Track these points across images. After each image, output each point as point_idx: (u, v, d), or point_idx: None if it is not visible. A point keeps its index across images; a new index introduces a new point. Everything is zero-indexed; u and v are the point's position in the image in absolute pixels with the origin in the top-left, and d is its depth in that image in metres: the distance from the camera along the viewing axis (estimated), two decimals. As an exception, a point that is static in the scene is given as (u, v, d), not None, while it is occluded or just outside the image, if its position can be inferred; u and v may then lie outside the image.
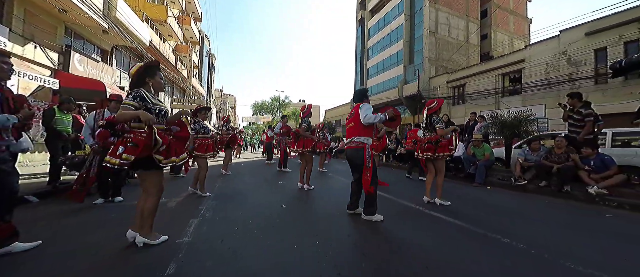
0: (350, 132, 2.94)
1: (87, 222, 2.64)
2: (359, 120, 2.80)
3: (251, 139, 23.13)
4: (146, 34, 11.58)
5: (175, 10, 18.01)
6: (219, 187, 4.54)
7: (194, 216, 2.81)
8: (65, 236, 2.26)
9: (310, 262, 1.84)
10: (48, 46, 7.61)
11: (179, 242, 2.12)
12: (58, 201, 3.48)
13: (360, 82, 29.67)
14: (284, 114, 8.22)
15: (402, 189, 4.72)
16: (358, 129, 2.83)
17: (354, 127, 2.88)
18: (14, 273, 1.65)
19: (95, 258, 1.83)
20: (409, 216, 3.03)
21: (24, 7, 6.95)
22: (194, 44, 24.32)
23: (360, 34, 30.47)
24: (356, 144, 2.81)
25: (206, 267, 1.74)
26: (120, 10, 9.19)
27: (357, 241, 2.25)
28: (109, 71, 10.27)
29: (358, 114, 2.82)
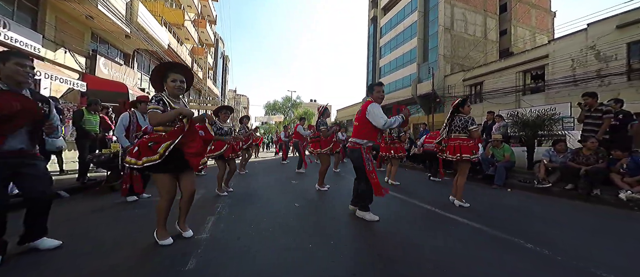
0: (354, 131, 2.91)
1: (114, 217, 2.79)
2: (363, 118, 2.73)
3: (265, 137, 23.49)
4: (165, 37, 12.06)
5: (191, 14, 18.62)
6: (235, 186, 4.64)
7: (212, 213, 2.90)
8: (93, 230, 2.41)
9: (325, 262, 1.85)
10: (76, 51, 8.11)
11: (198, 238, 2.20)
12: (86, 196, 3.71)
13: (372, 81, 29.33)
14: (303, 116, 8.24)
15: (418, 191, 4.62)
16: (360, 130, 2.77)
17: (356, 127, 2.83)
18: (41, 269, 1.78)
19: (122, 252, 1.93)
20: (425, 218, 2.97)
21: (55, 14, 7.45)
22: (209, 46, 25.02)
23: (372, 32, 30.12)
24: (352, 144, 2.81)
25: (224, 264, 1.79)
26: (141, 16, 9.62)
27: (371, 242, 2.24)
28: (131, 74, 10.79)
29: (364, 113, 2.73)
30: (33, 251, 1.87)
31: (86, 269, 1.68)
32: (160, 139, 1.89)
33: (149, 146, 1.88)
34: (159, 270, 1.68)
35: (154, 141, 1.89)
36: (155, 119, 1.88)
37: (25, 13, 6.87)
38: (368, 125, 2.72)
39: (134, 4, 9.34)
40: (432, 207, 3.35)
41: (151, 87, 2.20)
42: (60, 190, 3.64)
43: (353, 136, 2.85)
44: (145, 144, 1.89)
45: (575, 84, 11.73)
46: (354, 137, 2.83)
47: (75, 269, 1.69)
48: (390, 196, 4.04)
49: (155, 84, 2.12)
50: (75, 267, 1.70)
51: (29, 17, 6.96)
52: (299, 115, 33.91)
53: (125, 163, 1.95)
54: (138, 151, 1.91)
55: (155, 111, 1.88)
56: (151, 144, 1.89)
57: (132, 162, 1.89)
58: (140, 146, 1.92)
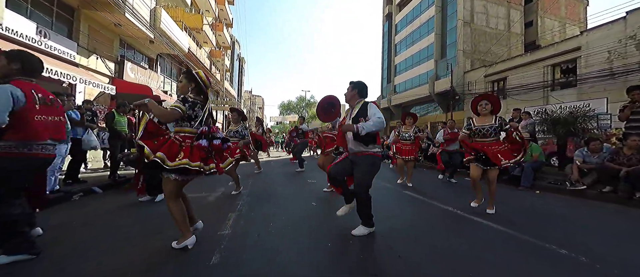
0: None
1: (141, 213, 2.96)
2: None
3: (276, 137, 23.84)
4: (185, 41, 12.58)
5: (209, 18, 19.27)
6: (252, 184, 4.76)
7: (232, 210, 2.99)
8: (122, 226, 2.56)
9: (345, 262, 1.85)
10: (107, 57, 8.68)
11: (220, 234, 2.27)
12: (117, 192, 3.96)
13: (387, 80, 28.80)
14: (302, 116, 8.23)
15: (436, 192, 4.48)
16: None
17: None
18: (70, 264, 1.92)
19: (150, 247, 2.04)
20: (448, 220, 2.86)
21: (88, 23, 8.01)
22: (226, 49, 25.77)
23: (387, 29, 29.53)
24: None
25: (245, 260, 1.84)
26: (164, 21, 10.11)
27: (391, 243, 2.19)
28: (155, 77, 11.37)
29: None
30: (64, 246, 2.02)
31: (117, 264, 1.79)
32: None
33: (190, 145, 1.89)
34: (185, 264, 1.76)
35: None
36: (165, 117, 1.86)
37: (62, 23, 7.45)
38: None
39: (157, 11, 9.83)
40: (454, 209, 3.22)
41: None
42: (94, 186, 3.92)
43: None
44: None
45: (612, 77, 10.80)
46: None
47: (107, 264, 1.80)
48: (409, 197, 3.96)
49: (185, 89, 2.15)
50: (108, 263, 1.81)
51: (66, 27, 7.55)
52: (313, 114, 34.09)
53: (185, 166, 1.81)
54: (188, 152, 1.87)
55: (175, 109, 1.88)
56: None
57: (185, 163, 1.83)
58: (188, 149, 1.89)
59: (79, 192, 3.60)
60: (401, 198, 3.98)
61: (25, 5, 6.42)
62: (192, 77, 2.00)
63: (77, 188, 3.72)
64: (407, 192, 4.26)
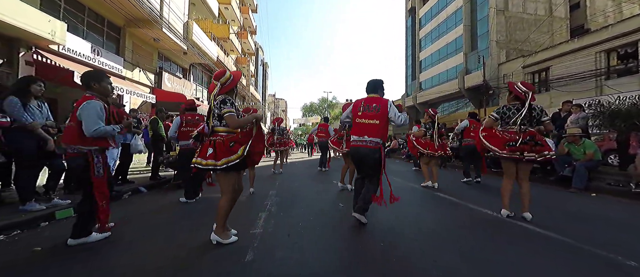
0: (371, 130, 2.53)
1: (180, 212, 3.18)
2: (385, 117, 2.52)
3: (300, 139, 24.20)
4: (214, 51, 13.38)
5: (235, 27, 20.28)
6: (279, 186, 4.88)
7: (262, 210, 3.10)
8: (163, 224, 2.78)
9: (377, 265, 1.80)
10: (147, 69, 9.57)
11: (253, 232, 2.36)
12: (158, 192, 4.32)
13: (412, 77, 27.73)
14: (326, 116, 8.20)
15: (466, 192, 4.20)
16: (382, 129, 2.53)
17: (375, 126, 2.52)
18: (120, 258, 2.11)
19: (188, 245, 2.17)
20: (485, 224, 2.65)
21: (132, 40, 8.91)
22: (250, 55, 26.91)
23: (411, 24, 28.48)
24: (374, 145, 2.52)
25: (277, 258, 1.89)
26: (195, 34, 10.86)
27: (424, 247, 2.09)
28: (188, 85, 12.25)
29: (385, 111, 2.50)
30: (115, 242, 2.22)
31: (161, 260, 1.94)
32: (237, 139, 2.03)
33: (230, 146, 1.98)
34: (221, 261, 1.85)
35: (234, 141, 2.01)
36: (235, 123, 1.98)
37: (111, 41, 8.38)
38: (387, 124, 2.57)
39: (190, 24, 10.60)
40: (492, 212, 2.98)
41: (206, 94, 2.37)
42: (140, 186, 4.32)
43: (372, 135, 2.52)
44: (226, 145, 1.99)
45: (687, 60, 9.20)
46: (373, 137, 2.52)
47: (148, 260, 1.95)
48: (439, 198, 3.76)
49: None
50: (148, 259, 1.97)
51: (114, 45, 8.47)
52: (335, 115, 34.01)
53: (197, 165, 2.00)
54: (214, 152, 1.95)
55: (231, 114, 1.98)
56: (232, 144, 1.99)
57: (210, 164, 1.93)
58: (217, 147, 1.97)
59: (128, 192, 4.00)
60: (428, 199, 3.80)
61: (82, 27, 7.34)
62: (224, 83, 2.13)
63: (126, 188, 4.13)
64: (435, 193, 4.05)
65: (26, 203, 2.81)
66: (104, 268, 1.76)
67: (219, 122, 2.06)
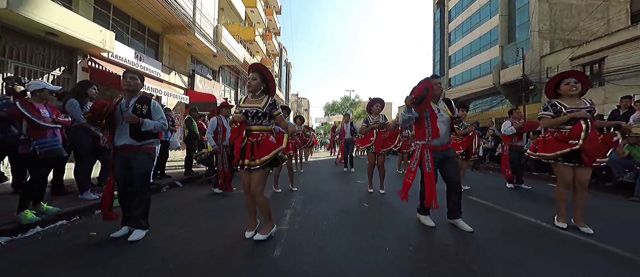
0: None
1: (212, 207, 3.38)
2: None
3: (324, 138, 24.26)
4: (241, 53, 13.95)
5: (260, 29, 20.93)
6: (303, 184, 4.94)
7: (288, 207, 3.16)
8: (196, 219, 2.96)
9: (406, 269, 1.73)
10: (182, 72, 10.27)
11: (279, 229, 2.42)
12: (192, 186, 4.62)
13: (441, 73, 26.28)
14: (347, 113, 8.06)
15: (505, 198, 3.87)
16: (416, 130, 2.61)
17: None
18: (159, 249, 2.27)
19: (219, 239, 2.28)
20: (529, 234, 2.40)
21: (169, 46, 9.62)
22: (274, 56, 27.59)
23: (439, 18, 27.00)
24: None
25: (304, 255, 1.91)
26: (224, 37, 11.41)
27: (460, 253, 1.97)
28: (218, 86, 12.92)
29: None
30: (155, 232, 2.41)
31: (197, 251, 2.05)
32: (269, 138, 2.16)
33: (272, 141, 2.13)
34: (251, 255, 1.92)
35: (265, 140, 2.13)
36: (285, 124, 2.21)
37: (151, 47, 9.14)
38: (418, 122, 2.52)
39: (219, 28, 11.16)
40: (539, 221, 2.71)
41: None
42: (177, 181, 4.66)
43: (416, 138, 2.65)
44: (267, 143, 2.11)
45: None
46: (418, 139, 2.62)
47: (185, 252, 2.09)
48: (475, 203, 3.49)
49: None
50: (185, 251, 2.10)
51: (153, 50, 9.23)
52: (357, 114, 33.55)
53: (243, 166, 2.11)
54: (258, 150, 2.08)
55: (281, 116, 2.22)
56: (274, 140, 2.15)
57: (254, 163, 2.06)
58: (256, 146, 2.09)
59: (166, 185, 4.34)
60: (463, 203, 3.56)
61: (127, 36, 8.10)
62: (264, 78, 2.21)
63: (165, 181, 4.49)
64: (469, 197, 3.78)
65: (83, 193, 3.19)
66: (148, 257, 1.91)
67: (256, 121, 2.12)
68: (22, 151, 2.57)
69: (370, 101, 4.15)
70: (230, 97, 15.12)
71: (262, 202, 2.15)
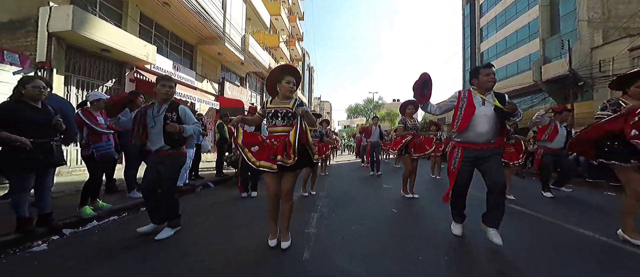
0: None
1: (241, 207, 3.51)
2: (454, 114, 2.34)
3: (348, 141, 24.06)
4: (266, 59, 14.49)
5: (284, 36, 21.58)
6: (328, 187, 4.93)
7: (314, 211, 3.18)
8: (227, 219, 3.10)
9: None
10: (213, 80, 10.95)
11: (307, 232, 2.44)
12: (223, 187, 4.86)
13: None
14: (376, 116, 7.91)
15: (549, 207, 3.47)
16: None
17: None
18: (191, 246, 2.40)
19: (250, 241, 2.34)
20: (591, 249, 2.14)
21: (201, 56, 10.34)
22: (298, 61, 28.18)
23: (469, 12, 25.47)
24: None
25: (334, 260, 1.89)
26: (251, 45, 11.96)
27: (504, 268, 1.80)
28: (245, 92, 13.54)
29: None
30: (187, 231, 2.57)
31: (230, 251, 2.14)
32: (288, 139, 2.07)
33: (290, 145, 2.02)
34: (281, 257, 1.95)
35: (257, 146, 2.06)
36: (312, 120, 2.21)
37: (186, 58, 9.90)
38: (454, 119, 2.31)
39: (246, 37, 11.74)
40: (598, 236, 2.39)
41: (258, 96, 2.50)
42: (209, 182, 4.95)
43: None
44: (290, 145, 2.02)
45: None
46: None
47: (219, 250, 2.18)
48: (521, 213, 3.16)
49: (270, 89, 2.24)
50: (219, 249, 2.20)
51: (188, 61, 9.98)
52: (381, 116, 32.80)
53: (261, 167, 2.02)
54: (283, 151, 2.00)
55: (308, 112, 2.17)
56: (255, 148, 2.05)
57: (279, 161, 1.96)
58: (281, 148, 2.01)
59: (200, 186, 4.63)
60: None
61: (166, 48, 8.88)
62: (297, 83, 2.18)
63: (198, 182, 4.79)
64: (512, 206, 3.46)
65: (131, 191, 3.53)
66: (185, 252, 2.05)
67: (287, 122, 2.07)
68: (83, 154, 2.93)
69: (404, 103, 4.01)
70: (257, 102, 15.73)
71: (291, 206, 2.11)
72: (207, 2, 8.71)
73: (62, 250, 2.09)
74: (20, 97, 2.18)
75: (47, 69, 5.20)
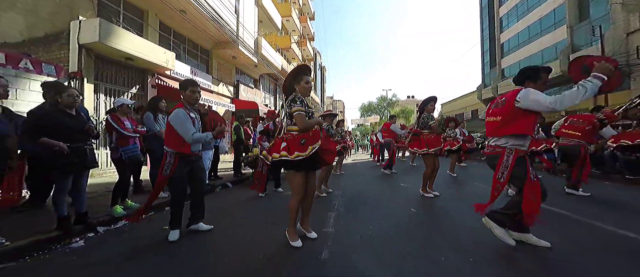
0: (490, 129, 2.17)
1: (260, 207, 3.58)
2: (509, 111, 1.98)
3: (362, 140, 23.78)
4: (279, 61, 14.68)
5: (295, 37, 21.73)
6: (343, 186, 4.91)
7: (330, 210, 3.18)
8: (247, 218, 3.17)
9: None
10: (228, 83, 11.26)
11: (325, 231, 2.44)
12: (240, 187, 4.98)
13: (491, 64, 23.62)
14: (394, 114, 7.77)
15: (601, 209, 3.23)
16: (504, 126, 2.02)
17: (494, 124, 2.10)
18: (210, 243, 2.46)
19: (270, 242, 2.37)
20: (626, 251, 1.98)
21: (217, 60, 10.66)
22: (309, 61, 28.28)
23: (486, 3, 24.33)
24: (492, 150, 2.13)
25: (353, 261, 1.88)
26: (264, 47, 12.17)
27: (538, 272, 1.70)
28: (259, 94, 13.80)
29: (511, 102, 1.97)
30: (202, 234, 2.64)
31: (249, 249, 2.19)
32: (307, 137, 2.07)
33: (301, 142, 2.03)
34: (300, 256, 1.96)
35: (304, 139, 2.05)
36: (303, 123, 2.02)
37: (203, 63, 10.24)
38: (518, 119, 1.97)
39: (259, 40, 11.96)
40: (636, 235, 2.21)
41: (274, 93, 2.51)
42: (228, 182, 5.09)
43: (494, 135, 2.13)
44: (297, 141, 2.02)
45: None
46: (496, 137, 2.11)
47: (241, 248, 2.23)
48: (555, 214, 2.95)
49: (286, 88, 2.23)
50: (241, 247, 2.25)
51: (204, 65, 10.33)
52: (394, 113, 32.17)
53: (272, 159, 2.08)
54: (287, 146, 2.01)
55: (301, 113, 2.02)
56: (303, 141, 2.04)
57: (284, 156, 1.99)
58: (289, 143, 2.03)
59: (219, 186, 4.77)
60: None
61: (184, 55, 9.24)
62: None
63: (218, 183, 4.95)
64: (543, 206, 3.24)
65: (156, 192, 3.70)
66: (207, 250, 2.14)
67: (290, 121, 2.10)
68: (113, 157, 3.12)
69: (426, 100, 3.91)
70: (270, 104, 15.98)
71: (289, 205, 2.16)
72: (221, 7, 8.96)
73: (98, 246, 2.25)
74: (56, 105, 2.36)
75: (79, 78, 5.59)
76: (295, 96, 2.09)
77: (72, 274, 1.79)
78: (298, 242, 2.09)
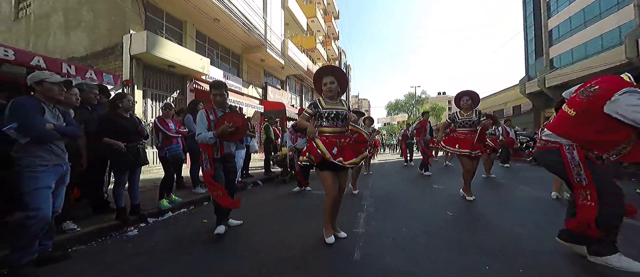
0: (554, 121, 1.91)
1: (290, 205, 3.65)
2: (595, 110, 1.56)
3: (389, 140, 23.08)
4: (304, 62, 14.89)
5: (320, 37, 21.85)
6: (372, 186, 4.81)
7: (360, 210, 3.13)
8: (278, 216, 3.25)
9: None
10: (257, 85, 11.73)
11: (355, 231, 2.41)
12: (270, 185, 5.16)
13: (536, 53, 21.26)
14: (426, 111, 7.40)
15: None
16: (571, 124, 1.69)
17: (566, 118, 1.74)
18: (234, 247, 2.56)
19: (302, 240, 2.41)
20: None
21: (247, 64, 11.17)
22: (334, 60, 28.23)
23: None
24: (544, 144, 1.85)
25: (387, 263, 1.83)
26: (290, 49, 12.45)
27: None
28: (286, 95, 14.16)
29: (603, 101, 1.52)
30: (234, 229, 2.77)
31: (281, 249, 2.24)
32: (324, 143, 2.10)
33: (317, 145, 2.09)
34: (332, 256, 1.96)
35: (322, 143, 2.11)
36: (300, 124, 2.21)
37: (234, 67, 10.82)
38: (597, 123, 1.57)
39: (285, 42, 12.26)
40: None
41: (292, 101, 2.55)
42: (258, 180, 5.31)
43: (551, 129, 1.83)
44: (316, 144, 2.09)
45: None
46: (553, 131, 1.81)
47: (272, 248, 2.30)
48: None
49: (318, 90, 2.32)
50: (272, 248, 2.32)
51: (235, 69, 10.90)
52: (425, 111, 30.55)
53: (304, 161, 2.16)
54: (308, 148, 2.16)
55: (303, 114, 2.19)
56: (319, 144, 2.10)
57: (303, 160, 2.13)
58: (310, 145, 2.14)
59: (250, 184, 5.00)
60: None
61: (217, 60, 9.86)
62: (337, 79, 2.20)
63: (249, 180, 5.18)
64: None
65: (196, 187, 4.01)
66: (240, 246, 2.24)
67: (345, 123, 2.20)
68: (159, 155, 3.44)
69: (459, 94, 3.63)
70: (296, 104, 16.30)
71: (340, 199, 2.24)
72: (250, 12, 9.37)
73: (149, 236, 2.50)
74: (116, 110, 2.68)
75: (130, 85, 6.28)
76: (316, 99, 2.21)
77: (129, 260, 2.02)
78: (331, 238, 2.14)
